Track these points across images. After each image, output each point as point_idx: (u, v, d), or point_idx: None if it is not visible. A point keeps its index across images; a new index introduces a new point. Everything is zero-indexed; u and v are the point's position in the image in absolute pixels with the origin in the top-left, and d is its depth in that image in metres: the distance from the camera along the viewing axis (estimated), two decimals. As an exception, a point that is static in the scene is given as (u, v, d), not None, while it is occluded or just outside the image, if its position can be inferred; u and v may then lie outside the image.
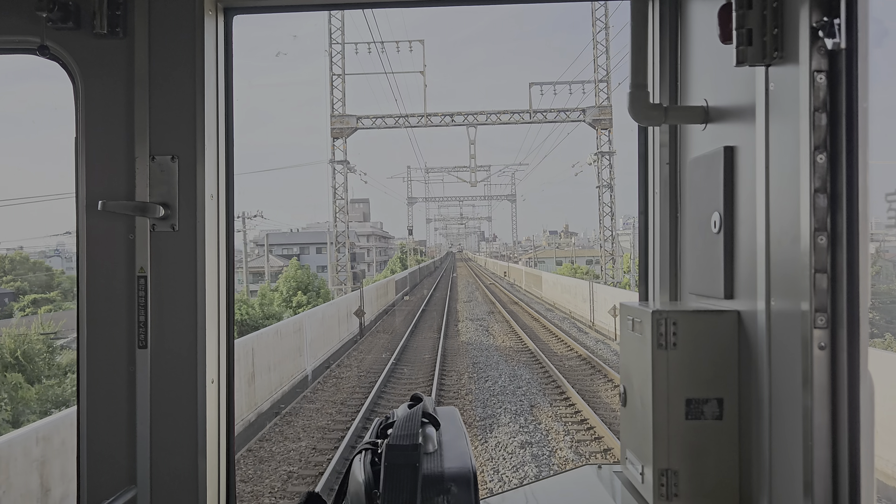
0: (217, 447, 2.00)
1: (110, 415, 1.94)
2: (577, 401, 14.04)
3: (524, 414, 13.76)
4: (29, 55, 1.95)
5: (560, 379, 15.95)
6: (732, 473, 1.61)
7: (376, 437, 1.53)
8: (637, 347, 1.75)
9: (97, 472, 1.94)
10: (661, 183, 2.03)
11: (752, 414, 1.54)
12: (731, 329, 1.62)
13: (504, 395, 15.18)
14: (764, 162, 1.44)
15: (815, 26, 1.26)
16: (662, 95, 2.01)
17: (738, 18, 1.39)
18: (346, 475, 1.54)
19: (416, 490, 1.32)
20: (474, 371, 17.91)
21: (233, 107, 2.07)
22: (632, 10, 1.86)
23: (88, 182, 1.94)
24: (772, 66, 1.40)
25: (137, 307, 1.93)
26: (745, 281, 1.58)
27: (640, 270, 2.20)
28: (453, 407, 1.74)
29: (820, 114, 1.27)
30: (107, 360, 1.94)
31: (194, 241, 1.93)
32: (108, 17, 1.88)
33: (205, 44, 1.94)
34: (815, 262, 1.28)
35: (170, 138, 1.93)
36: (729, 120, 1.66)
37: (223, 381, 2.04)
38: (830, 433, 1.28)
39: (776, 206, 1.41)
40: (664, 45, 2.00)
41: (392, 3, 2.26)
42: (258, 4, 2.12)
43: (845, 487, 1.25)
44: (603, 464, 2.18)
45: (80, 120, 1.95)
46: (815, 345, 1.28)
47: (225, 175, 2.04)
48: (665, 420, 1.63)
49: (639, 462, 1.74)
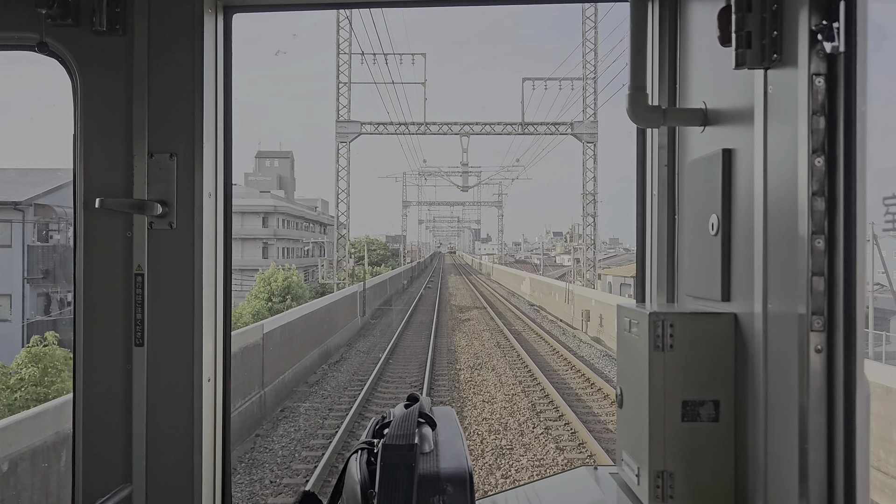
0: (213, 445, 2.00)
1: (106, 412, 1.94)
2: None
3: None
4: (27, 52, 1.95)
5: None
6: (728, 475, 1.62)
7: (372, 437, 1.53)
8: (634, 349, 1.75)
9: (93, 469, 1.94)
10: (660, 185, 2.04)
11: (749, 416, 1.54)
12: (727, 331, 1.62)
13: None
14: (762, 165, 1.44)
15: (814, 30, 1.26)
16: (661, 97, 2.01)
17: (738, 21, 1.39)
18: (342, 475, 1.54)
19: (412, 490, 1.32)
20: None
21: (232, 105, 2.07)
22: (631, 11, 1.86)
23: (86, 179, 1.94)
24: (771, 69, 1.40)
25: (134, 305, 1.93)
26: (742, 283, 1.58)
27: (638, 272, 2.21)
28: (450, 407, 1.74)
29: (818, 117, 1.27)
30: (103, 357, 1.94)
31: (192, 238, 1.93)
32: (107, 15, 1.88)
33: (204, 42, 1.94)
34: (812, 265, 1.28)
35: (168, 136, 1.93)
36: (727, 122, 1.66)
37: (219, 378, 2.04)
38: (826, 436, 1.28)
39: (774, 209, 1.41)
40: (663, 47, 2.01)
41: (392, 3, 2.26)
42: (258, 3, 2.12)
43: (840, 490, 1.26)
44: (599, 465, 2.18)
45: (78, 117, 1.95)
46: (812, 348, 1.28)
47: (223, 173, 2.04)
48: (661, 422, 1.63)
49: (635, 463, 1.74)
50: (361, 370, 19.18)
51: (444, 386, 16.83)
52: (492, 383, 17.10)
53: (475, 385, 16.93)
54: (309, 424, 13.86)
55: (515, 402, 15.22)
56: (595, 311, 26.21)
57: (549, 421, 13.70)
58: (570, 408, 14.17)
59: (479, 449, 12.09)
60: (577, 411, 14.08)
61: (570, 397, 15.55)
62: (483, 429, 13.24)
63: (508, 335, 25.03)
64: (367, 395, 15.62)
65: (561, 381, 17.26)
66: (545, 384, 16.47)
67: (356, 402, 14.71)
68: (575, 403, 14.92)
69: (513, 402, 15.22)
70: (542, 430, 13.08)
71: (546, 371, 18.15)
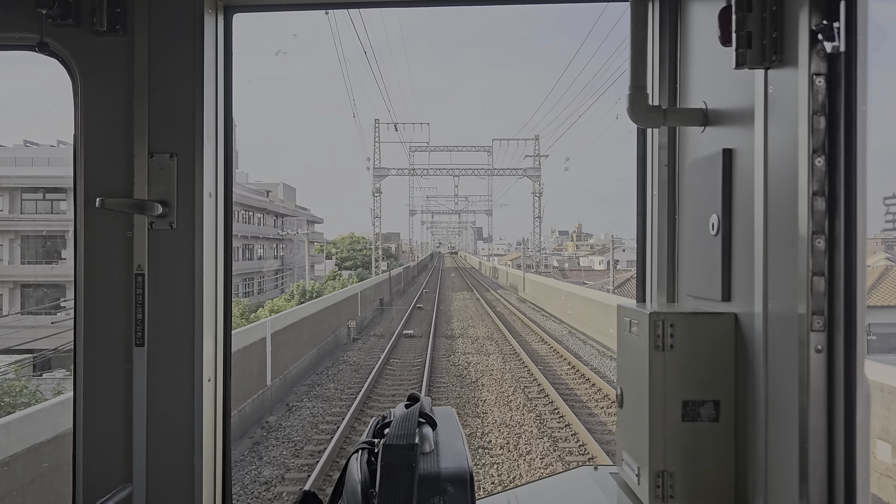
0: (213, 445, 2.00)
1: (107, 412, 1.94)
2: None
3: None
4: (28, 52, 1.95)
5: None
6: (728, 475, 1.62)
7: (373, 437, 1.53)
8: (634, 349, 1.75)
9: (93, 469, 1.94)
10: (660, 185, 2.03)
11: (749, 416, 1.54)
12: (728, 331, 1.62)
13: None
14: (762, 165, 1.44)
15: (815, 29, 1.26)
16: (661, 97, 2.01)
17: (738, 21, 1.39)
18: (343, 475, 1.54)
19: (412, 490, 1.32)
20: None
21: (232, 105, 2.06)
22: (632, 11, 1.86)
23: (87, 179, 1.94)
24: (771, 68, 1.40)
25: (135, 305, 1.93)
26: (742, 283, 1.58)
27: (638, 272, 2.21)
28: (450, 407, 1.75)
29: (818, 117, 1.27)
30: (104, 357, 1.94)
31: (192, 239, 1.93)
32: (107, 15, 1.88)
33: (204, 42, 1.94)
34: (813, 265, 1.28)
35: (168, 136, 1.93)
36: (728, 122, 1.66)
37: (220, 379, 2.04)
38: (826, 436, 1.28)
39: (774, 209, 1.41)
40: (664, 47, 2.00)
41: (392, 3, 2.26)
42: (258, 3, 2.12)
43: (841, 490, 1.26)
44: (599, 465, 2.18)
45: (78, 117, 1.95)
46: (812, 348, 1.28)
47: (223, 173, 2.04)
48: (661, 422, 1.63)
49: (635, 463, 1.74)
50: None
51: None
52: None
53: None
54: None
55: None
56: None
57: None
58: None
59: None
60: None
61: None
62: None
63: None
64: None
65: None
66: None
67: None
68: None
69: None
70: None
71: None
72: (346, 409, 14.89)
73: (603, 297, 26.43)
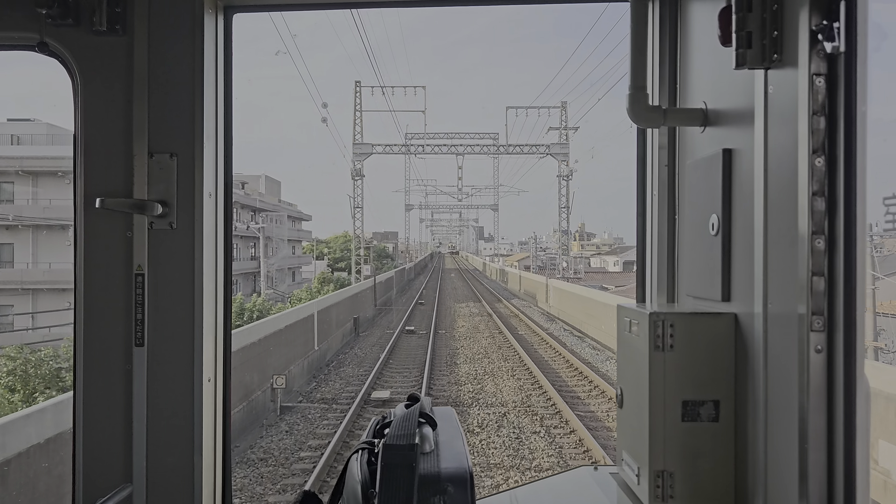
0: (213, 445, 2.00)
1: (106, 412, 1.94)
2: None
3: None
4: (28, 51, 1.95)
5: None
6: (728, 475, 1.62)
7: (373, 437, 1.53)
8: (634, 349, 1.75)
9: (93, 469, 1.94)
10: (660, 185, 2.04)
11: (749, 416, 1.54)
12: (728, 331, 1.62)
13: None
14: (762, 165, 1.44)
15: (815, 30, 1.26)
16: (661, 97, 2.01)
17: (738, 21, 1.39)
18: (343, 474, 1.54)
19: (412, 490, 1.32)
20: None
21: (232, 105, 2.06)
22: (632, 11, 1.86)
23: (87, 179, 1.94)
24: (771, 69, 1.40)
25: (135, 305, 1.93)
26: (742, 283, 1.58)
27: (638, 272, 2.21)
28: (450, 407, 1.75)
29: (818, 117, 1.27)
30: (103, 357, 1.94)
31: (192, 239, 1.93)
32: (107, 14, 1.88)
33: (204, 42, 1.94)
34: (813, 265, 1.28)
35: (168, 136, 1.93)
36: (728, 123, 1.66)
37: (220, 379, 2.04)
38: (826, 436, 1.28)
39: (774, 209, 1.41)
40: (664, 47, 2.00)
41: (392, 3, 2.25)
42: (258, 3, 2.11)
43: (840, 490, 1.26)
44: (599, 465, 2.18)
45: (78, 116, 1.95)
46: (812, 348, 1.28)
47: (223, 173, 2.04)
48: (661, 422, 1.63)
49: (635, 463, 1.74)
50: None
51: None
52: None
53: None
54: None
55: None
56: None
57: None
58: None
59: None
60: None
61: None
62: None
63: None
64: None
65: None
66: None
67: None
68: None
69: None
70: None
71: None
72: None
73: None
